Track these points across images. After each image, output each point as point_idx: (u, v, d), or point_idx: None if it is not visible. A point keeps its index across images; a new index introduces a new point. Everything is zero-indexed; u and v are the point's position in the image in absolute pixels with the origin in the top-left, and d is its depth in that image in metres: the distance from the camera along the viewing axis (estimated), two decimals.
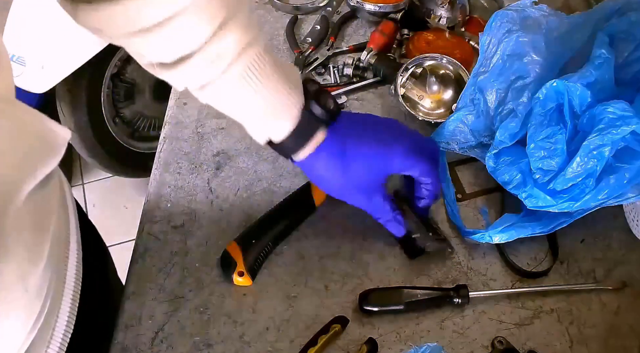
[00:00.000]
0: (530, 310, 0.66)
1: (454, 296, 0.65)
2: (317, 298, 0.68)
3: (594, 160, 0.61)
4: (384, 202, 0.66)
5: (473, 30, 0.91)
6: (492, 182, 0.71)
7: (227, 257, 0.69)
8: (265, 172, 0.79)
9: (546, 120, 0.66)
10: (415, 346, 0.58)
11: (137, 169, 1.92)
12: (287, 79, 0.58)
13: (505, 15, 0.75)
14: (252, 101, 0.57)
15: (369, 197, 0.66)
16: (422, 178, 0.67)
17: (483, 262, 0.69)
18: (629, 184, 0.61)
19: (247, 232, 0.71)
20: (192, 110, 0.86)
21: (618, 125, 0.59)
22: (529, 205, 0.64)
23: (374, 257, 0.70)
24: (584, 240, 0.71)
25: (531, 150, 0.65)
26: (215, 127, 0.83)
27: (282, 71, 0.57)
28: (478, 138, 0.76)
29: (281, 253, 0.71)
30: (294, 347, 0.64)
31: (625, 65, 0.70)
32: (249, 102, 0.57)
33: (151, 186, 0.78)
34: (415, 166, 0.65)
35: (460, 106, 0.77)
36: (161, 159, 0.81)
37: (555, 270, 0.68)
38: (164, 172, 0.79)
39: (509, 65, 0.74)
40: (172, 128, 0.84)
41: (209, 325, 0.66)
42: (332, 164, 0.62)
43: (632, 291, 0.67)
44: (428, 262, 0.70)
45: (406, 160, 0.64)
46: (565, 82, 0.64)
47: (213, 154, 0.81)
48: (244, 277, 0.68)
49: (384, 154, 0.64)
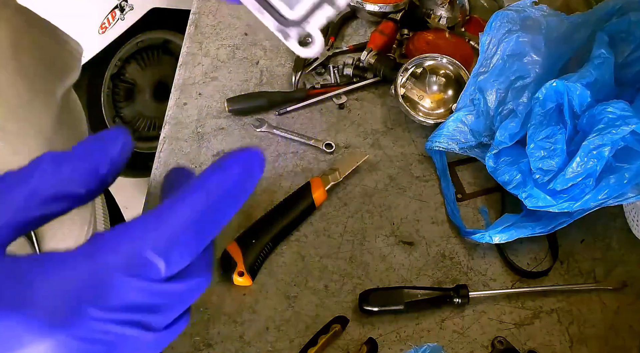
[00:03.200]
0: (530, 310, 0.66)
1: (454, 296, 0.65)
2: (317, 298, 0.68)
3: (593, 160, 0.61)
4: None
5: (473, 30, 0.91)
6: (492, 182, 0.71)
7: (227, 257, 0.69)
8: (265, 172, 0.79)
9: (546, 120, 0.66)
10: (415, 346, 0.58)
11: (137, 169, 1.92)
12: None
13: (505, 15, 0.75)
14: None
15: None
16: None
17: (483, 262, 0.69)
18: (629, 184, 0.61)
19: (247, 232, 0.71)
20: (192, 110, 0.86)
21: (618, 125, 0.59)
22: (529, 205, 0.64)
23: (374, 257, 0.70)
24: (584, 240, 0.71)
25: (531, 150, 0.65)
26: (215, 127, 0.83)
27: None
28: (478, 138, 0.76)
29: (281, 253, 0.71)
30: (294, 347, 0.64)
31: (625, 65, 0.70)
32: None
33: (151, 186, 0.78)
34: None
35: (460, 106, 0.77)
36: (161, 158, 0.81)
37: (555, 270, 0.68)
38: (164, 172, 0.79)
39: (509, 65, 0.74)
40: (172, 128, 0.84)
41: (209, 325, 0.66)
42: None
43: (632, 291, 0.67)
44: (428, 261, 0.70)
45: None
46: (565, 82, 0.64)
47: (213, 154, 0.81)
48: (244, 277, 0.68)
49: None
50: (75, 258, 0.24)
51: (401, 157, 0.79)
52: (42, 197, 0.25)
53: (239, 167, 0.26)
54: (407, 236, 0.72)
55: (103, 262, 0.24)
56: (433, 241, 0.71)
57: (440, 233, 0.72)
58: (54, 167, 0.25)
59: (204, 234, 0.25)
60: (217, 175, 0.26)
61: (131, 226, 0.25)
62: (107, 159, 0.26)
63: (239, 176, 0.26)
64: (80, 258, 0.24)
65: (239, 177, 0.26)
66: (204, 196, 0.25)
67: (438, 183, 0.76)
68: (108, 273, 0.23)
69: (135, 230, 0.24)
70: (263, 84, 0.87)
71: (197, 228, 0.25)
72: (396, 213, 0.74)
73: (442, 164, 0.76)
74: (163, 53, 1.83)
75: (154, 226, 0.24)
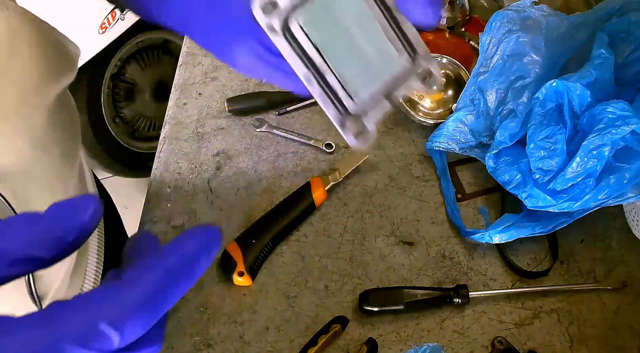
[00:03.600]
0: (530, 310, 0.66)
1: (454, 296, 0.65)
2: (317, 298, 0.68)
3: (593, 160, 0.61)
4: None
5: (473, 30, 0.91)
6: (492, 182, 0.71)
7: (227, 257, 0.69)
8: (265, 172, 0.79)
9: (546, 120, 0.66)
10: (415, 346, 0.58)
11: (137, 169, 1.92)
12: None
13: (505, 15, 0.75)
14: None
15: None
16: None
17: (483, 262, 0.69)
18: (629, 184, 0.61)
19: (247, 232, 0.71)
20: (192, 110, 0.86)
21: (618, 125, 0.59)
22: (529, 205, 0.64)
23: (374, 257, 0.70)
24: (584, 240, 0.71)
25: (531, 150, 0.65)
26: (215, 127, 0.83)
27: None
28: (478, 138, 0.76)
29: (281, 253, 0.71)
30: (294, 347, 0.64)
31: (625, 65, 0.70)
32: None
33: (151, 186, 0.78)
34: None
35: (460, 106, 0.76)
36: (161, 159, 0.81)
37: (555, 270, 0.68)
38: (164, 172, 0.79)
39: (509, 65, 0.74)
40: (172, 128, 0.84)
41: (209, 325, 0.66)
42: None
43: (632, 291, 0.66)
44: (428, 261, 0.70)
45: None
46: (565, 82, 0.64)
47: (213, 154, 0.81)
48: (244, 277, 0.68)
49: None
50: (29, 324, 0.24)
51: (401, 157, 0.79)
52: (9, 259, 0.25)
53: (197, 244, 0.27)
54: (407, 236, 0.72)
55: (56, 331, 0.24)
56: (433, 241, 0.71)
57: (440, 233, 0.72)
58: (26, 229, 0.26)
59: (159, 308, 0.26)
60: (176, 252, 0.27)
61: (90, 297, 0.25)
62: (77, 227, 0.26)
63: (196, 253, 0.27)
64: (34, 324, 0.24)
65: (196, 255, 0.27)
66: (161, 272, 0.26)
67: (438, 184, 0.76)
68: (60, 342, 0.24)
69: (93, 301, 0.25)
70: (263, 83, 0.87)
71: (153, 302, 0.25)
72: (396, 213, 0.74)
73: (442, 164, 0.76)
74: (163, 53, 1.84)
75: (111, 299, 0.25)
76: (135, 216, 0.76)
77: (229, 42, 0.32)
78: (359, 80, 0.33)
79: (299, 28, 0.31)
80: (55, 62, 0.52)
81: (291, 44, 0.31)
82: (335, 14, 0.31)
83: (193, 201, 0.76)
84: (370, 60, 0.33)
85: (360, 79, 0.33)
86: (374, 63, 0.33)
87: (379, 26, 0.32)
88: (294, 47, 0.31)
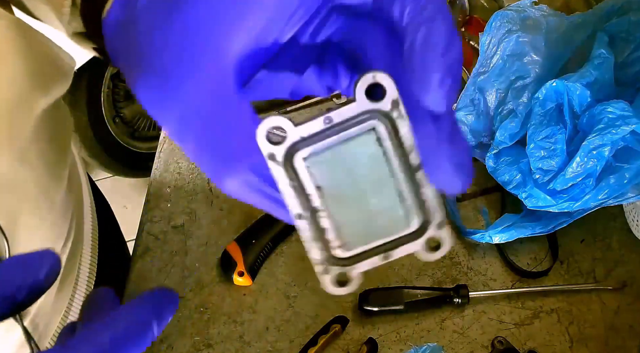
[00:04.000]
0: (530, 310, 0.66)
1: (454, 296, 0.65)
2: (317, 298, 0.68)
3: (593, 160, 0.61)
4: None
5: (473, 30, 0.91)
6: (492, 182, 0.71)
7: (227, 257, 0.69)
8: None
9: (546, 120, 0.66)
10: (415, 346, 0.58)
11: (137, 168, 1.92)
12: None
13: (505, 15, 0.75)
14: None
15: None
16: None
17: (483, 262, 0.69)
18: (629, 184, 0.61)
19: (247, 232, 0.71)
20: None
21: (618, 125, 0.59)
22: (529, 205, 0.64)
23: None
24: (584, 240, 0.71)
25: (531, 150, 0.65)
26: None
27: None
28: (478, 138, 0.76)
29: (281, 253, 0.71)
30: (294, 347, 0.64)
31: (625, 65, 0.70)
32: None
33: (151, 186, 0.78)
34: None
35: (460, 106, 0.76)
36: (161, 159, 0.81)
37: (555, 270, 0.68)
38: (164, 172, 0.79)
39: (509, 65, 0.74)
40: None
41: (209, 325, 0.66)
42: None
43: (632, 291, 0.66)
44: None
45: None
46: (565, 82, 0.64)
47: None
48: (244, 277, 0.68)
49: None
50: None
51: None
52: None
53: (150, 311, 0.27)
54: None
55: None
56: None
57: None
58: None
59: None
60: (126, 318, 0.26)
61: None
62: (27, 286, 0.25)
63: (148, 321, 0.26)
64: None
65: (148, 322, 0.26)
66: (107, 340, 0.26)
67: None
68: None
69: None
70: None
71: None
72: None
73: None
74: None
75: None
76: (136, 216, 0.76)
77: (219, 171, 0.27)
78: (355, 234, 0.29)
79: (302, 163, 0.27)
80: (46, 74, 0.51)
81: (291, 177, 0.28)
82: (346, 158, 0.28)
83: (193, 201, 0.76)
84: (374, 217, 0.29)
85: (357, 234, 0.29)
86: (377, 220, 0.29)
87: (393, 183, 0.28)
88: (293, 181, 0.28)
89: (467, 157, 0.26)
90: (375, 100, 0.26)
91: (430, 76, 0.25)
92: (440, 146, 0.26)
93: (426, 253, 0.29)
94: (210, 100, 0.26)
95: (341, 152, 0.27)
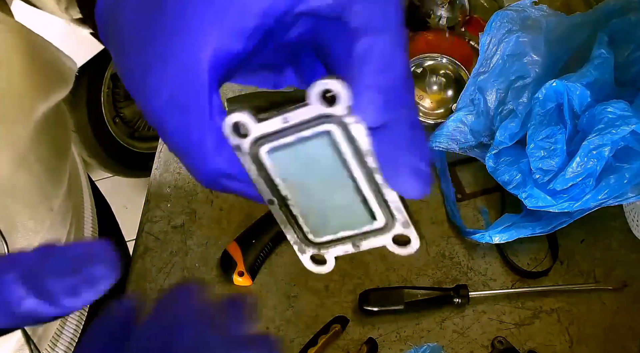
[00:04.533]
0: (530, 310, 0.66)
1: (454, 296, 0.65)
2: (317, 298, 0.68)
3: (593, 160, 0.61)
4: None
5: (473, 30, 0.91)
6: (492, 182, 0.71)
7: (227, 257, 0.69)
8: None
9: (546, 120, 0.66)
10: (415, 346, 0.58)
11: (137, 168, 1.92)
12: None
13: (505, 15, 0.75)
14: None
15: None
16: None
17: (483, 262, 0.69)
18: (629, 184, 0.61)
19: (247, 232, 0.71)
20: None
21: (618, 125, 0.59)
22: (529, 205, 0.64)
23: (374, 257, 0.70)
24: (584, 240, 0.71)
25: (531, 150, 0.65)
26: None
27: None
28: (478, 138, 0.76)
29: (281, 253, 0.71)
30: (294, 347, 0.64)
31: (625, 65, 0.70)
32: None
33: (151, 186, 0.78)
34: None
35: (460, 106, 0.76)
36: (161, 159, 0.81)
37: (555, 270, 0.68)
38: (164, 172, 0.79)
39: (509, 65, 0.74)
40: None
41: None
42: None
43: (632, 291, 0.66)
44: (428, 261, 0.70)
45: None
46: (565, 82, 0.64)
47: None
48: (244, 277, 0.68)
49: None
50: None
51: None
52: None
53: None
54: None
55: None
56: (433, 241, 0.71)
57: (440, 233, 0.72)
58: None
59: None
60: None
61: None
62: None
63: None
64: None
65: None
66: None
67: (438, 183, 0.76)
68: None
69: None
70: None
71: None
72: None
73: (442, 164, 0.76)
74: None
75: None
76: (136, 216, 0.76)
77: (193, 161, 0.28)
78: (321, 224, 0.30)
79: (267, 157, 0.28)
80: (46, 78, 0.51)
81: (258, 168, 0.29)
82: (305, 157, 0.28)
83: (193, 201, 0.76)
84: (337, 211, 0.29)
85: (324, 224, 0.30)
86: (341, 214, 0.30)
87: (352, 184, 0.28)
88: (261, 171, 0.29)
89: (423, 164, 0.26)
90: (330, 105, 0.26)
91: (363, 92, 0.25)
92: (395, 152, 0.26)
93: (397, 248, 0.31)
94: (185, 92, 0.27)
95: (300, 151, 0.28)
